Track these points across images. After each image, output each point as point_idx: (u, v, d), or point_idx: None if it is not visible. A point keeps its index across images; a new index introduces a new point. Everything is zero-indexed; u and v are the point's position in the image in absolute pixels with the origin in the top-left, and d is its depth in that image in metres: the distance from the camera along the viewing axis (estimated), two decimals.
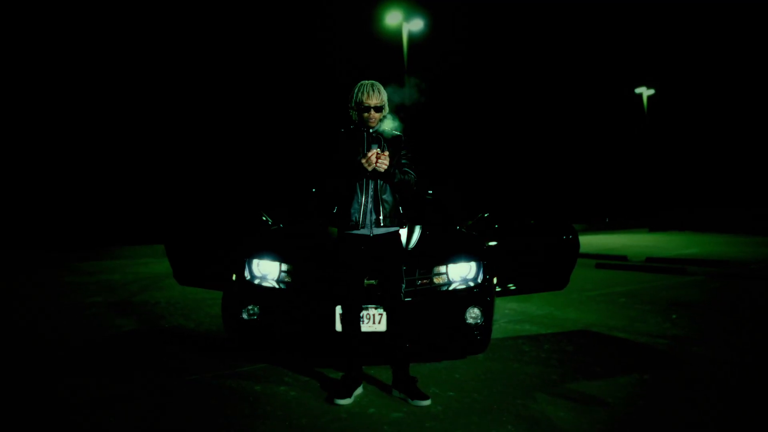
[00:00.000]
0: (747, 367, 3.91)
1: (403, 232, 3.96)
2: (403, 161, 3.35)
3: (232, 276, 3.98)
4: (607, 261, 11.42)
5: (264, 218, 5.01)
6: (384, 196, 3.28)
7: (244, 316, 3.73)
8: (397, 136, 3.40)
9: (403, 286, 3.31)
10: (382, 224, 3.25)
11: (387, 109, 3.35)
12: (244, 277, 3.82)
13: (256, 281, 3.79)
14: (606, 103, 35.36)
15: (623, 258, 11.88)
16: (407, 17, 18.42)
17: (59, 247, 12.71)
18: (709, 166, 36.61)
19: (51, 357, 4.12)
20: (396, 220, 3.31)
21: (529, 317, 5.64)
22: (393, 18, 18.49)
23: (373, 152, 3.13)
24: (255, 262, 3.84)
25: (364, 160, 3.13)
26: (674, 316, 5.64)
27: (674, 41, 39.20)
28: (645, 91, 31.11)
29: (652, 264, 10.67)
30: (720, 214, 28.45)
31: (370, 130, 3.33)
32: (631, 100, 32.55)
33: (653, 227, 28.04)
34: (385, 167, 3.13)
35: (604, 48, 36.49)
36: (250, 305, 3.72)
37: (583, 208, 30.14)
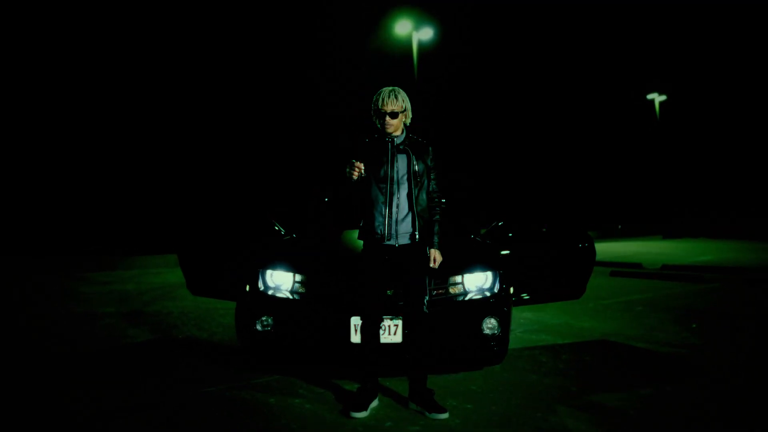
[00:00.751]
0: None
1: None
2: (432, 176, 3.28)
3: (245, 287, 3.95)
4: (622, 269, 11.27)
5: (276, 227, 4.98)
6: (419, 210, 3.20)
7: (258, 327, 3.69)
8: (425, 145, 3.31)
9: (426, 297, 3.21)
10: (417, 239, 3.18)
11: (410, 115, 3.27)
12: (258, 288, 3.78)
13: (270, 292, 3.75)
14: (618, 110, 35.17)
15: (638, 265, 11.74)
16: (417, 26, 18.45)
17: (73, 257, 12.77)
18: (722, 173, 36.25)
19: (64, 367, 4.10)
20: (427, 236, 3.24)
21: (545, 327, 5.56)
22: (403, 27, 18.52)
23: (360, 165, 3.08)
24: (268, 272, 3.81)
25: (352, 171, 3.07)
26: (694, 325, 5.54)
27: (686, 47, 38.96)
28: (657, 98, 30.88)
29: (668, 271, 10.53)
30: (734, 221, 28.13)
31: (395, 140, 3.24)
32: (643, 106, 32.33)
33: (667, 234, 27.75)
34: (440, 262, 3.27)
35: (616, 54, 36.33)
36: (263, 316, 3.68)
37: (595, 215, 29.90)
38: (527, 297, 4.59)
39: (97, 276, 10.93)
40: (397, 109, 3.18)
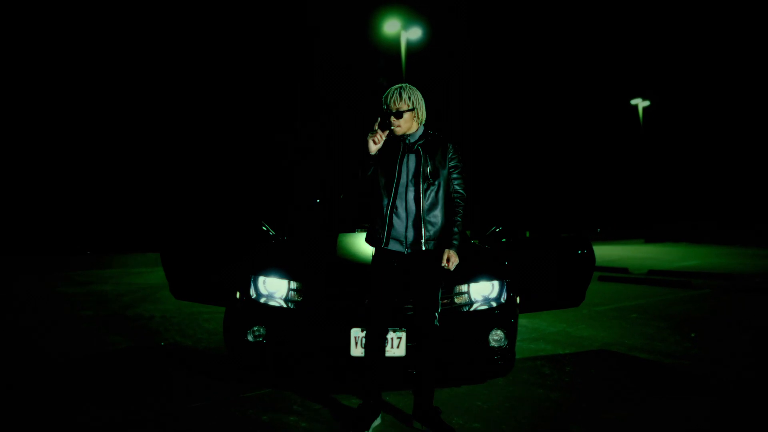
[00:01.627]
0: None
1: None
2: (453, 176, 3.04)
3: (235, 293, 3.71)
4: (609, 273, 11.23)
5: (264, 228, 4.75)
6: (427, 216, 2.93)
7: (250, 338, 3.45)
8: (442, 142, 3.04)
9: (439, 310, 2.99)
10: (423, 248, 2.92)
11: (422, 114, 3.02)
12: (250, 296, 3.54)
13: (263, 300, 3.51)
14: (601, 114, 35.40)
15: (624, 270, 11.72)
16: (405, 26, 18.27)
17: (51, 257, 12.34)
18: (703, 179, 36.74)
19: (39, 378, 3.83)
20: (443, 242, 2.97)
21: (542, 335, 5.41)
22: (391, 26, 18.33)
23: (381, 134, 2.90)
24: (261, 279, 3.57)
25: (374, 136, 2.91)
26: (693, 335, 5.43)
27: (671, 53, 39.38)
28: (641, 103, 31.12)
29: (656, 277, 10.49)
30: (714, 228, 28.53)
31: (409, 139, 3.02)
32: (626, 111, 32.58)
33: (649, 238, 27.99)
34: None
35: (600, 59, 36.58)
36: (255, 326, 3.44)
37: (574, 218, 30.05)
38: (524, 305, 4.41)
39: (76, 275, 10.56)
40: (402, 107, 2.95)
